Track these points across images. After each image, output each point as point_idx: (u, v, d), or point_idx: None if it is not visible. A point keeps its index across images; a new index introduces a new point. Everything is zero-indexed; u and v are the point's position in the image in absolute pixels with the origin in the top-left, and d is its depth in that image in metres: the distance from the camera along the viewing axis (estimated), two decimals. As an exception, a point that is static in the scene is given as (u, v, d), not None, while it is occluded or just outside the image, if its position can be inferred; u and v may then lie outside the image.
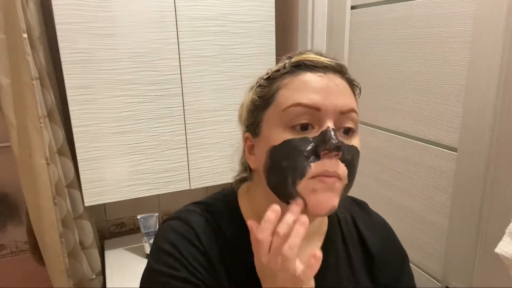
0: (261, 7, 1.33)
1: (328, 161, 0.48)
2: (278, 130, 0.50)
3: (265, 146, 0.51)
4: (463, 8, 0.81)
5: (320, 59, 0.52)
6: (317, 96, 0.49)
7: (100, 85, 1.19)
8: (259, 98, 0.54)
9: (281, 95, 0.51)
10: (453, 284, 0.90)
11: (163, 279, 0.53)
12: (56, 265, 1.23)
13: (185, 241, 0.55)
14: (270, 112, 0.52)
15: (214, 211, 0.60)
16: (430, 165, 0.94)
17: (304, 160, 0.48)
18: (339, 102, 0.49)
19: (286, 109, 0.50)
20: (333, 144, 0.47)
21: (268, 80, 0.55)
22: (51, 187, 1.18)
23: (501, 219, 0.74)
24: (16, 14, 1.05)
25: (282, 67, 0.53)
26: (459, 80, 0.84)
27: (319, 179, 0.48)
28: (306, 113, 0.49)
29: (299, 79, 0.51)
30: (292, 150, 0.48)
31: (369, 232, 0.65)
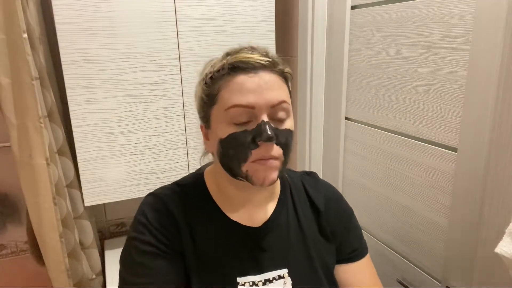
0: (261, 7, 1.33)
1: (264, 148, 0.60)
2: (223, 125, 0.62)
3: (216, 137, 0.64)
4: (463, 8, 0.81)
5: (251, 58, 0.61)
6: (250, 96, 0.59)
7: (100, 85, 1.19)
8: (206, 96, 0.65)
9: (222, 96, 0.61)
10: (453, 284, 0.90)
11: (133, 242, 0.66)
12: (56, 265, 1.23)
13: (153, 210, 0.68)
14: (215, 110, 0.63)
15: (183, 184, 0.73)
16: (430, 165, 0.94)
17: (246, 148, 0.60)
18: (269, 98, 0.60)
19: (227, 109, 0.60)
20: (265, 136, 0.58)
21: (211, 79, 0.64)
22: (51, 187, 1.18)
23: (501, 219, 0.74)
24: (16, 14, 1.05)
25: (221, 68, 0.62)
26: (459, 80, 0.84)
27: (258, 162, 0.61)
28: (244, 112, 0.60)
29: (235, 82, 0.60)
30: (235, 142, 0.61)
31: (315, 192, 0.79)
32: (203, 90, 0.65)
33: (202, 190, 0.72)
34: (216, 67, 0.63)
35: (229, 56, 0.64)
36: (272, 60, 0.62)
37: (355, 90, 1.20)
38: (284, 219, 0.74)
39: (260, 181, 0.61)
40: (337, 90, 1.26)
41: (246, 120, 0.60)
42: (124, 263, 0.67)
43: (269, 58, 0.62)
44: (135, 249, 0.65)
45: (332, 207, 0.78)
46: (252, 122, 0.60)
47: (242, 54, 0.62)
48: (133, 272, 0.64)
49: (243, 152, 0.60)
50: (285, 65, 0.65)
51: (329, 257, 0.76)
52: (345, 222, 0.79)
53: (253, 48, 0.65)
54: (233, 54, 0.64)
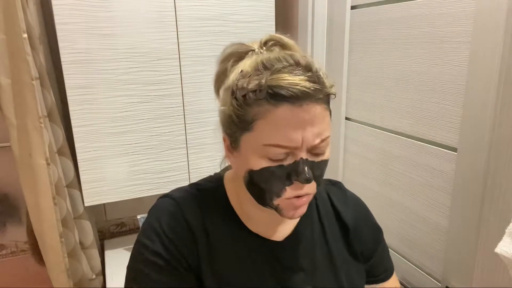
0: (261, 7, 1.33)
1: (300, 186, 0.56)
2: (256, 157, 0.55)
3: (244, 164, 0.57)
4: (463, 8, 0.81)
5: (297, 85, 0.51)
6: (293, 134, 0.52)
7: (100, 85, 1.19)
8: (236, 117, 0.55)
9: (260, 127, 0.53)
10: (453, 284, 0.90)
11: (141, 249, 0.61)
12: (56, 265, 1.23)
13: (169, 217, 0.62)
14: (248, 138, 0.55)
15: (201, 189, 0.67)
16: (430, 165, 0.94)
17: (280, 185, 0.55)
18: (311, 138, 0.53)
19: (266, 146, 0.53)
20: (303, 178, 0.53)
21: (244, 98, 0.53)
22: (51, 187, 1.18)
23: (501, 219, 0.74)
24: (16, 14, 1.05)
25: (258, 89, 0.52)
26: (459, 80, 0.84)
27: (291, 201, 0.56)
28: (284, 151, 0.54)
29: (276, 115, 0.52)
30: (269, 176, 0.55)
31: (343, 207, 0.73)
32: (233, 108, 0.55)
33: (222, 198, 0.66)
34: (252, 85, 0.52)
35: (267, 70, 0.53)
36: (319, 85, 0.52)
37: (355, 90, 1.20)
38: (309, 233, 0.68)
39: (290, 215, 0.58)
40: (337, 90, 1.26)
41: (283, 157, 0.54)
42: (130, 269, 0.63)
43: (316, 83, 0.52)
44: (142, 257, 0.60)
45: (363, 225, 0.73)
46: (288, 158, 0.54)
47: (285, 75, 0.52)
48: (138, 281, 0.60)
49: (278, 188, 0.56)
50: (329, 81, 0.56)
51: (358, 278, 0.71)
52: (376, 243, 0.75)
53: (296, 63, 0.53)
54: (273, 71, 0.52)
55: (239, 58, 0.60)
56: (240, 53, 0.61)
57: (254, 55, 0.59)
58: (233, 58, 0.61)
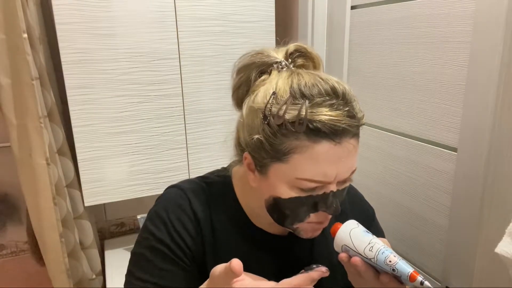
0: (261, 7, 1.33)
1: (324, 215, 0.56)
2: (287, 187, 0.54)
3: (270, 190, 0.56)
4: (463, 8, 0.81)
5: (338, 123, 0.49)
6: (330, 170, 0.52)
7: (100, 85, 1.19)
8: (269, 145, 0.53)
9: (296, 161, 0.51)
10: (453, 284, 0.90)
11: (147, 235, 0.61)
12: (56, 265, 1.23)
13: (176, 206, 0.62)
14: (281, 169, 0.53)
15: (210, 182, 0.67)
16: (430, 165, 0.94)
17: (306, 212, 0.56)
18: (344, 172, 0.54)
19: (300, 179, 0.52)
20: (332, 210, 0.54)
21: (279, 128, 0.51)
22: (51, 187, 1.18)
23: (501, 219, 0.74)
24: (16, 14, 1.05)
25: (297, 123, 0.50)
26: (459, 80, 0.84)
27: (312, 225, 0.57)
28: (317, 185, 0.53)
29: (315, 150, 0.50)
30: (297, 205, 0.55)
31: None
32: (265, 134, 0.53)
33: (230, 193, 0.66)
34: (289, 115, 0.50)
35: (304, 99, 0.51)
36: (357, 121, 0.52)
37: (355, 90, 1.19)
38: None
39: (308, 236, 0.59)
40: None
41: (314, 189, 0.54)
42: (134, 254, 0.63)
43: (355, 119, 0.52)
44: (147, 243, 0.61)
45: (357, 206, 0.76)
46: (317, 188, 0.54)
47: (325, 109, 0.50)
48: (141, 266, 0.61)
49: (302, 214, 0.56)
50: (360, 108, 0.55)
51: None
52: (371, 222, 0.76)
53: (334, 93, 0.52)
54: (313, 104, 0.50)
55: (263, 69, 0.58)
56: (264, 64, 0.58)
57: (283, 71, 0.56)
58: (256, 69, 0.58)
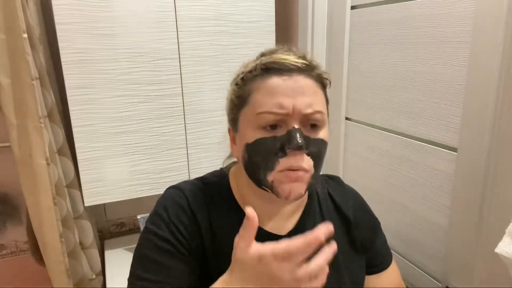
0: (261, 7, 1.33)
1: (293, 157, 0.56)
2: (251, 129, 0.58)
3: (242, 141, 0.60)
4: (463, 8, 0.81)
5: (287, 60, 0.57)
6: (285, 101, 0.55)
7: (100, 85, 1.19)
8: (236, 97, 0.61)
9: (254, 99, 0.58)
10: (453, 284, 0.90)
11: (149, 236, 0.62)
12: (56, 265, 1.23)
13: (175, 205, 0.64)
14: (245, 113, 0.59)
15: (207, 182, 0.69)
16: (430, 165, 0.94)
17: (273, 156, 0.56)
18: (302, 106, 0.56)
19: (259, 114, 0.56)
20: (295, 144, 0.54)
21: (242, 80, 0.61)
22: (51, 187, 1.18)
23: (501, 219, 0.74)
24: (16, 14, 1.05)
25: (253, 69, 0.59)
26: (459, 80, 0.84)
27: (285, 174, 0.56)
28: (276, 118, 0.56)
29: (268, 84, 0.57)
30: (263, 148, 0.56)
31: (342, 200, 0.74)
32: (234, 91, 0.62)
33: (227, 192, 0.68)
34: (249, 67, 0.61)
35: (263, 56, 0.61)
36: (309, 63, 0.58)
37: (355, 90, 1.20)
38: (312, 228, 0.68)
39: (286, 193, 0.57)
40: (337, 90, 1.26)
41: (275, 124, 0.56)
42: (137, 256, 0.63)
43: (305, 61, 0.58)
44: (150, 244, 0.62)
45: (362, 216, 0.74)
46: (282, 128, 0.56)
47: (277, 54, 0.59)
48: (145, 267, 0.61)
49: (270, 159, 0.56)
50: (323, 70, 0.61)
51: (359, 272, 0.72)
52: (375, 231, 0.76)
53: (290, 50, 0.61)
54: (267, 54, 0.61)
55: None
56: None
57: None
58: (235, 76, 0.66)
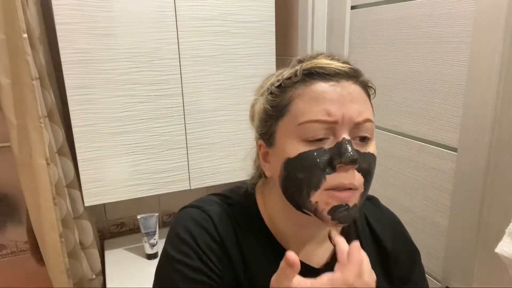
0: (261, 7, 1.33)
1: (344, 173, 0.48)
2: (293, 142, 0.50)
3: (280, 157, 0.51)
4: (463, 8, 0.81)
5: (332, 64, 0.51)
6: (333, 108, 0.48)
7: (100, 85, 1.19)
8: (272, 107, 0.53)
9: (296, 107, 0.50)
10: (453, 284, 0.90)
11: (177, 266, 0.54)
12: (56, 265, 1.23)
13: (202, 230, 0.56)
14: (284, 124, 0.51)
15: (233, 204, 0.60)
16: (430, 165, 0.94)
17: (320, 173, 0.48)
18: (353, 114, 0.49)
19: (303, 124, 0.49)
20: (348, 158, 0.47)
21: (279, 88, 0.53)
22: (51, 187, 1.18)
23: (501, 219, 0.74)
24: (16, 14, 1.05)
25: (294, 75, 0.52)
26: (459, 80, 0.84)
27: (331, 193, 0.48)
28: (322, 128, 0.48)
29: (313, 90, 0.50)
30: (307, 163, 0.48)
31: (380, 227, 0.65)
32: (268, 100, 0.54)
33: (255, 215, 0.59)
34: (287, 74, 0.53)
35: (302, 62, 0.54)
36: (355, 68, 0.53)
37: (355, 90, 1.20)
38: None
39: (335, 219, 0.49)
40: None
41: (322, 136, 0.49)
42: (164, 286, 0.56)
43: (352, 67, 0.53)
44: (179, 275, 0.54)
45: (401, 248, 0.66)
46: (329, 140, 0.49)
47: (320, 59, 0.53)
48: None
49: (316, 175, 0.48)
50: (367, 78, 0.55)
51: None
52: (413, 266, 0.67)
53: (332, 55, 0.55)
54: (308, 60, 0.54)
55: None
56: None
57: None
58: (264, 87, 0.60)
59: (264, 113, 0.55)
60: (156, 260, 1.42)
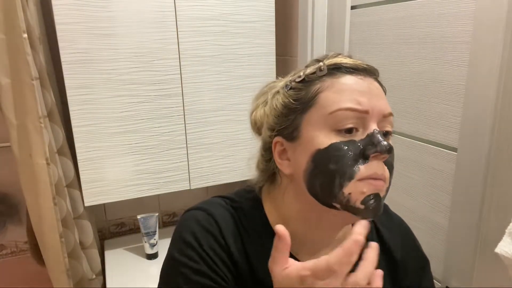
0: (261, 7, 1.33)
1: (376, 164, 0.48)
2: (323, 133, 0.49)
3: (307, 150, 0.50)
4: (463, 8, 0.81)
5: (356, 62, 0.53)
6: (363, 99, 0.49)
7: (100, 85, 1.19)
8: (295, 101, 0.53)
9: (325, 97, 0.50)
10: (453, 284, 0.90)
11: (183, 270, 0.54)
12: (56, 265, 1.23)
13: (208, 234, 0.55)
14: (312, 115, 0.51)
15: (238, 207, 0.60)
16: (430, 165, 0.94)
17: (353, 163, 0.48)
18: (382, 106, 0.50)
19: (333, 112, 0.49)
20: (384, 146, 0.47)
21: (303, 82, 0.53)
22: (51, 187, 1.18)
23: (501, 219, 0.74)
24: (16, 14, 1.05)
25: (318, 70, 0.52)
26: (459, 80, 0.84)
27: (368, 182, 0.48)
28: (354, 117, 0.49)
29: (341, 82, 0.50)
30: (340, 153, 0.48)
31: (390, 235, 0.65)
32: (289, 95, 0.54)
33: (262, 220, 0.58)
34: (309, 70, 0.53)
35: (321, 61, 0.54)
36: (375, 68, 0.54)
37: (355, 90, 1.20)
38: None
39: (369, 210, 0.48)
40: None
41: (353, 126, 0.49)
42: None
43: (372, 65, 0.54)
44: (184, 279, 0.53)
45: (410, 258, 0.65)
46: (358, 133, 0.49)
47: (342, 58, 0.54)
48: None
49: (350, 166, 0.47)
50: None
51: None
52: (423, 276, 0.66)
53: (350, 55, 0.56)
54: (329, 58, 0.55)
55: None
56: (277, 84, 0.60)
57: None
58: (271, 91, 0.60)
59: (285, 108, 0.54)
60: (156, 260, 1.42)
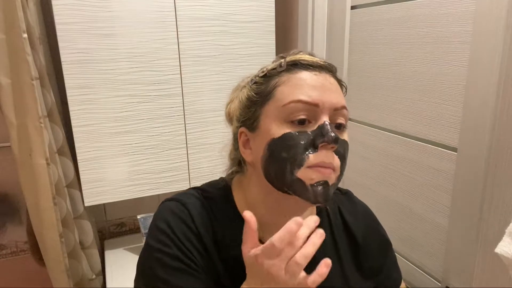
0: (261, 7, 1.33)
1: (324, 153, 0.52)
2: (277, 124, 0.54)
3: (264, 139, 0.55)
4: (463, 8, 0.81)
5: (314, 59, 0.57)
6: (314, 93, 0.53)
7: (100, 85, 1.19)
8: (256, 94, 0.58)
9: (280, 91, 0.55)
10: (453, 284, 0.90)
11: (156, 255, 0.57)
12: (56, 265, 1.23)
13: (180, 222, 0.59)
14: (269, 107, 0.55)
15: (210, 197, 0.63)
16: (430, 165, 0.94)
17: (303, 151, 0.52)
18: (333, 99, 0.54)
19: (286, 105, 0.53)
20: (331, 137, 0.51)
21: (264, 77, 0.58)
22: (51, 187, 1.18)
23: (501, 219, 0.74)
24: (16, 14, 1.05)
25: (278, 66, 0.57)
26: (459, 80, 0.84)
27: (316, 169, 0.52)
28: (305, 109, 0.53)
29: (297, 77, 0.55)
30: (291, 142, 0.52)
31: (353, 219, 0.69)
32: (251, 89, 0.59)
33: (231, 207, 0.62)
34: (271, 66, 0.58)
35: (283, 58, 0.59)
36: (333, 65, 0.59)
37: (355, 90, 1.20)
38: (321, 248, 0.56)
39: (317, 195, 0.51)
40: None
41: (305, 117, 0.53)
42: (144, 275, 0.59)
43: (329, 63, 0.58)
44: (158, 263, 0.56)
45: (372, 240, 0.69)
46: (310, 124, 0.53)
47: (302, 55, 0.58)
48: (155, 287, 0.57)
49: (299, 154, 0.51)
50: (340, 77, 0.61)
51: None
52: (385, 256, 0.71)
53: (312, 53, 0.61)
54: (291, 55, 0.59)
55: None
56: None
57: None
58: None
59: (248, 101, 0.59)
60: (156, 260, 1.42)
